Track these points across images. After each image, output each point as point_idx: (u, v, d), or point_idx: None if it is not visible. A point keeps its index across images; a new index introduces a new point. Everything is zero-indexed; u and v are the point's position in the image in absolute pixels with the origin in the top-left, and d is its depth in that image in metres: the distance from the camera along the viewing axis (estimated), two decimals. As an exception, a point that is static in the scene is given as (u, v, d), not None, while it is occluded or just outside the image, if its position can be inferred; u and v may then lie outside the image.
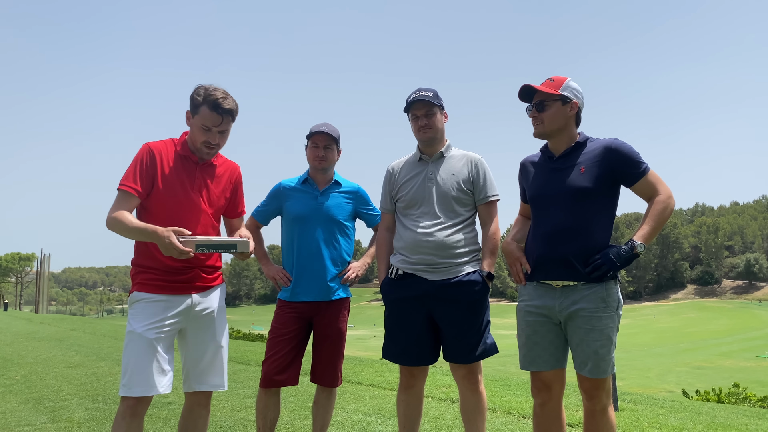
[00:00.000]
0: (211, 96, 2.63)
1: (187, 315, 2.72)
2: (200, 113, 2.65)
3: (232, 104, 2.69)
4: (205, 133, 2.68)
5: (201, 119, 2.65)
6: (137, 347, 2.56)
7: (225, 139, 2.76)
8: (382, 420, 4.57)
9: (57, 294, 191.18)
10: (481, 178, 3.09)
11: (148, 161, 2.67)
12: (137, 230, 2.55)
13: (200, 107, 2.65)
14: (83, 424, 4.55)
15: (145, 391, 2.54)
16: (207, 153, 2.75)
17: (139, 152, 2.69)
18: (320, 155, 3.32)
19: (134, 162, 2.66)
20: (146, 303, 2.64)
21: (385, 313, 3.19)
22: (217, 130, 2.69)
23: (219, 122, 2.67)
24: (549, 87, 2.74)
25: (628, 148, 2.65)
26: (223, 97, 2.65)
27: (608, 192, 2.67)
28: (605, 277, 2.60)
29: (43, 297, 47.45)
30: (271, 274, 3.41)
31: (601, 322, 2.60)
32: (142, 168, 2.65)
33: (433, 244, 2.97)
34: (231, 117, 2.71)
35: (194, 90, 2.69)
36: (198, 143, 2.71)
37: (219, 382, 2.83)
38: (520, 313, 2.83)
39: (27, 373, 7.19)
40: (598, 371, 2.60)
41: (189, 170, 2.75)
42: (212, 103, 2.63)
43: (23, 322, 17.70)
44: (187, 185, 2.74)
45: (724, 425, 4.38)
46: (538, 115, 2.75)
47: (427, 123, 3.05)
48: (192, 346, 2.77)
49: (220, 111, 2.64)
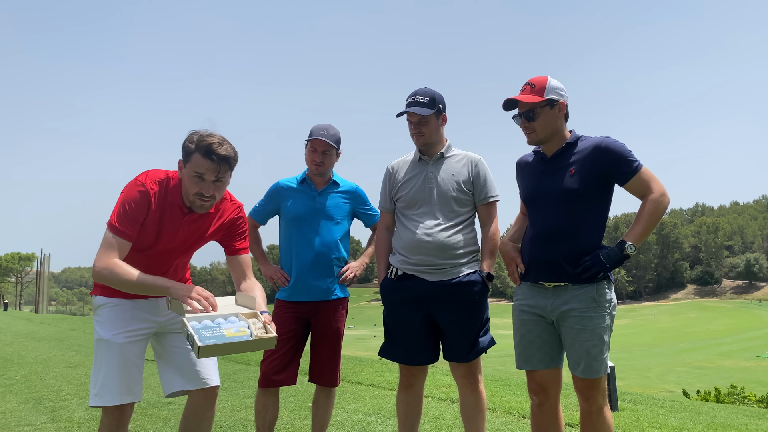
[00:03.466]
0: (204, 141, 2.34)
1: (156, 318, 2.57)
2: (192, 161, 2.36)
3: (229, 151, 2.38)
4: (198, 183, 2.38)
5: (193, 167, 2.36)
6: (106, 355, 2.44)
7: (221, 191, 2.45)
8: (382, 420, 4.57)
9: (57, 294, 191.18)
10: (481, 179, 3.09)
11: (142, 207, 2.41)
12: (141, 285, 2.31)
13: (192, 154, 2.36)
14: (83, 424, 4.55)
15: (115, 400, 2.41)
16: (200, 206, 2.44)
17: (135, 193, 2.41)
18: (317, 161, 3.31)
19: (129, 203, 2.39)
20: (110, 308, 2.50)
21: (383, 313, 3.19)
22: (212, 179, 2.38)
23: (214, 170, 2.36)
24: (532, 94, 2.66)
25: (619, 146, 2.62)
26: (219, 143, 2.36)
27: (599, 192, 2.65)
28: (596, 277, 2.60)
29: (43, 297, 47.46)
30: (269, 274, 3.41)
31: (593, 322, 2.59)
32: (136, 212, 2.40)
33: (434, 245, 2.97)
34: (228, 165, 2.40)
35: (187, 137, 2.40)
36: (191, 195, 2.41)
37: (210, 377, 2.62)
38: (515, 312, 2.83)
39: (27, 373, 7.19)
40: (590, 371, 2.60)
41: (176, 219, 2.49)
42: (205, 149, 2.33)
43: (23, 322, 17.70)
44: (171, 233, 2.50)
45: (724, 425, 4.38)
46: (529, 125, 2.70)
47: (420, 131, 3.03)
48: (170, 346, 2.61)
49: (215, 158, 2.34)
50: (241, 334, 2.23)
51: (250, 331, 2.26)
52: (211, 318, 2.28)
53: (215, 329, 2.22)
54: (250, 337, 2.24)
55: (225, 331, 2.22)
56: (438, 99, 3.04)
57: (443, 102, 3.09)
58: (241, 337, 2.22)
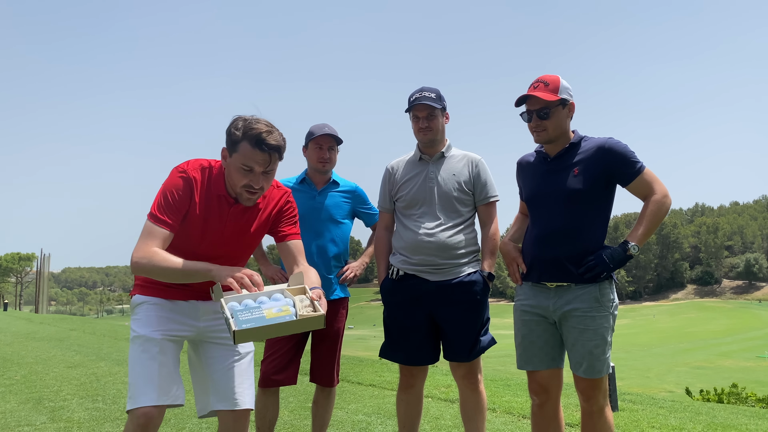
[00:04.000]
0: (253, 130, 2.17)
1: (196, 322, 2.39)
2: (240, 151, 2.18)
3: (278, 139, 2.22)
4: (246, 175, 2.22)
5: (241, 158, 2.19)
6: (143, 352, 2.24)
7: (270, 181, 2.29)
8: (382, 420, 4.56)
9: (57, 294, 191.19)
10: (481, 179, 3.09)
11: (183, 195, 2.26)
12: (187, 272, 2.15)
13: (239, 144, 2.18)
14: (83, 424, 4.54)
15: (152, 400, 2.17)
16: (248, 199, 2.29)
17: (177, 180, 2.27)
18: (325, 157, 3.31)
19: (170, 191, 2.25)
20: (149, 306, 2.35)
21: (384, 313, 3.18)
22: (261, 170, 2.22)
23: (264, 161, 2.20)
24: (547, 92, 2.63)
25: (622, 147, 2.62)
26: (268, 131, 2.19)
27: (602, 193, 2.65)
28: (599, 278, 2.60)
29: (43, 297, 47.40)
30: (270, 274, 3.41)
31: (595, 322, 2.59)
32: (177, 200, 2.25)
33: (435, 245, 2.97)
34: (278, 155, 2.24)
35: (231, 123, 2.23)
36: (237, 187, 2.25)
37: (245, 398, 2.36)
38: (517, 312, 2.83)
39: (27, 373, 7.19)
40: (592, 371, 2.60)
41: (223, 209, 2.33)
42: (255, 139, 2.16)
43: (23, 322, 17.68)
44: (218, 225, 2.33)
45: (724, 425, 4.37)
46: (541, 123, 2.65)
47: (428, 125, 3.03)
48: (209, 357, 2.41)
49: (265, 148, 2.17)
50: (284, 314, 2.05)
51: (294, 310, 2.07)
52: (253, 297, 2.12)
53: (255, 310, 2.04)
54: (294, 317, 2.05)
55: (266, 312, 2.04)
56: (443, 97, 3.07)
57: (445, 101, 3.11)
58: (283, 317, 2.03)
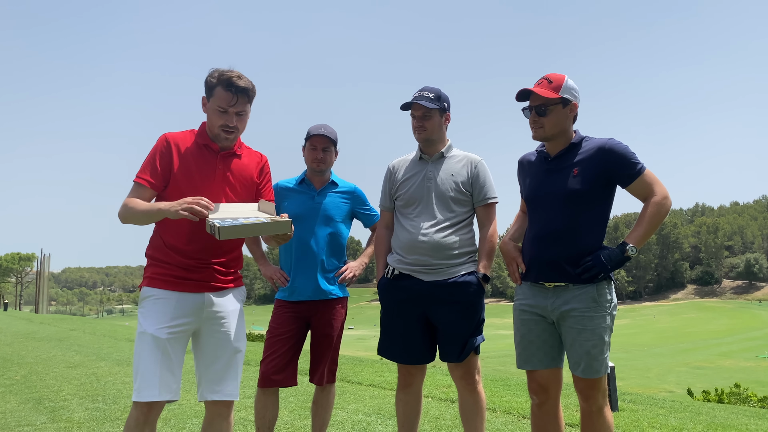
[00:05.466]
0: (224, 75, 2.54)
1: (199, 315, 2.57)
2: (215, 95, 2.56)
3: (247, 83, 2.58)
4: (222, 116, 2.57)
5: (216, 101, 2.56)
6: (148, 349, 2.44)
7: (244, 122, 2.64)
8: (382, 420, 4.57)
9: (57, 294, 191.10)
10: (480, 180, 3.09)
11: (164, 152, 2.58)
12: (145, 212, 2.47)
13: (215, 89, 2.56)
14: (83, 424, 4.55)
15: (155, 396, 2.40)
16: (225, 138, 2.62)
17: (156, 143, 2.61)
18: (319, 157, 3.33)
19: (150, 153, 2.59)
20: (155, 300, 2.52)
21: (381, 312, 3.20)
22: (234, 111, 2.57)
23: (234, 102, 2.55)
24: (548, 89, 2.65)
25: (622, 148, 2.61)
26: (238, 76, 2.55)
27: (601, 194, 2.65)
28: (596, 278, 2.60)
29: (43, 297, 47.34)
30: (269, 274, 3.42)
31: (593, 322, 2.59)
32: (157, 159, 2.57)
33: (429, 245, 2.97)
34: (247, 97, 2.60)
35: (208, 73, 2.60)
36: (215, 128, 2.60)
37: (232, 391, 2.62)
38: (516, 312, 2.83)
39: (27, 373, 7.19)
40: (591, 371, 2.60)
41: (209, 159, 2.64)
42: (226, 83, 2.53)
43: (23, 322, 17.69)
44: (208, 174, 2.62)
45: (724, 425, 4.38)
46: (538, 119, 2.68)
47: (423, 125, 3.05)
48: (206, 349, 2.61)
49: (235, 90, 2.54)
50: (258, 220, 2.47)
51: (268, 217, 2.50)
52: (232, 218, 2.47)
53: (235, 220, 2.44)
54: (266, 220, 2.46)
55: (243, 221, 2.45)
56: (443, 97, 3.07)
57: (448, 102, 3.12)
58: (257, 220, 2.46)
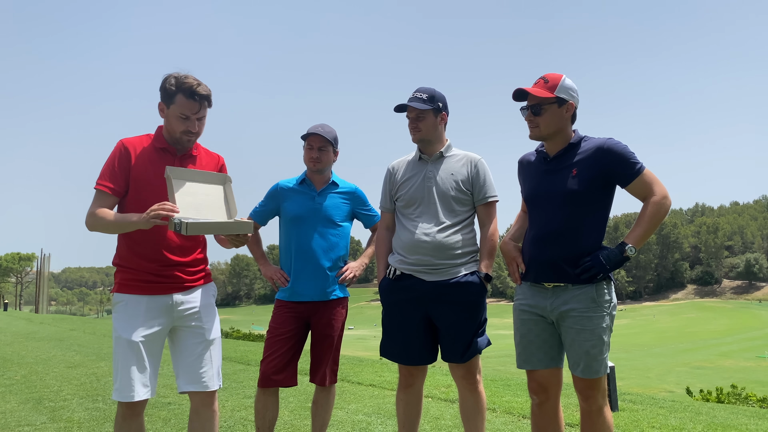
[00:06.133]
0: (185, 84, 2.59)
1: (170, 315, 2.67)
2: (176, 102, 2.61)
3: (207, 89, 2.66)
4: (184, 122, 2.63)
5: (178, 108, 2.61)
6: (123, 353, 2.57)
7: (203, 126, 2.72)
8: (382, 420, 4.57)
9: (57, 294, 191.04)
10: (480, 179, 3.09)
11: (122, 158, 2.63)
12: (116, 224, 2.54)
13: (175, 96, 2.60)
14: (83, 424, 4.55)
15: (131, 397, 2.54)
16: (188, 141, 2.71)
17: (114, 149, 2.65)
18: (314, 157, 3.33)
19: (109, 160, 2.64)
20: (126, 305, 2.62)
21: (382, 313, 3.19)
22: (196, 117, 2.65)
23: (197, 109, 2.63)
24: (544, 89, 2.67)
25: (621, 147, 2.61)
26: (198, 83, 2.61)
27: (600, 194, 2.65)
28: (595, 278, 2.60)
29: (43, 297, 47.38)
30: (269, 274, 3.42)
31: (592, 322, 2.59)
32: (116, 165, 2.62)
33: (431, 245, 2.97)
34: (208, 102, 2.68)
35: (164, 80, 2.64)
36: (177, 133, 2.66)
37: (210, 380, 2.72)
38: (516, 312, 2.84)
39: (27, 373, 7.19)
40: (590, 371, 2.61)
41: (168, 162, 2.69)
42: (189, 92, 2.59)
43: (23, 322, 17.70)
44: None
45: (724, 425, 4.38)
46: (534, 119, 2.70)
47: (416, 126, 3.06)
48: (181, 345, 2.73)
49: (198, 98, 2.61)
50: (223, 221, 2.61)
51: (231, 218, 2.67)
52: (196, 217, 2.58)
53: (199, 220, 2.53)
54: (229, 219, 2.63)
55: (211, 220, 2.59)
56: (438, 97, 3.06)
57: (444, 101, 3.11)
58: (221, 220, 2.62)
